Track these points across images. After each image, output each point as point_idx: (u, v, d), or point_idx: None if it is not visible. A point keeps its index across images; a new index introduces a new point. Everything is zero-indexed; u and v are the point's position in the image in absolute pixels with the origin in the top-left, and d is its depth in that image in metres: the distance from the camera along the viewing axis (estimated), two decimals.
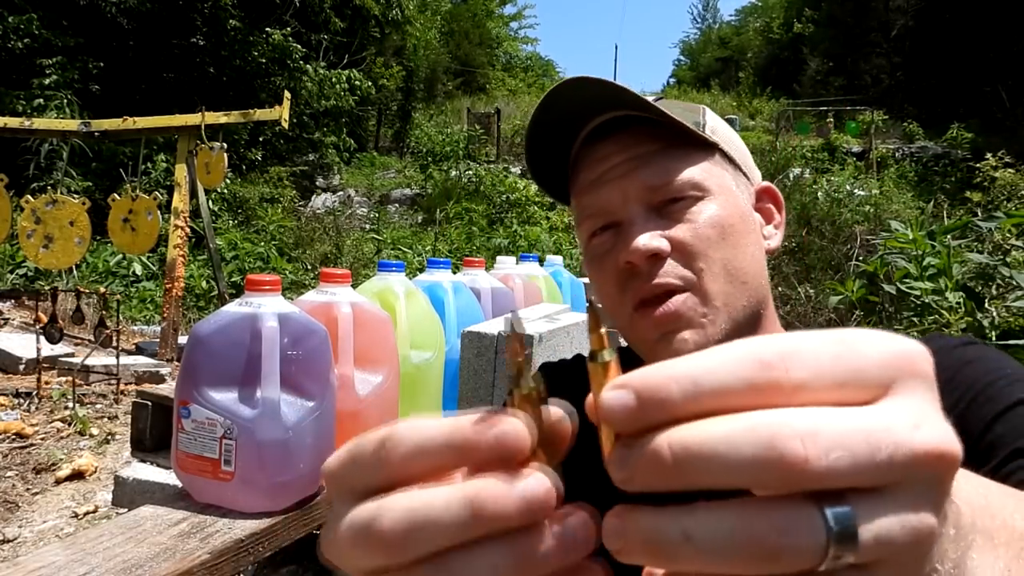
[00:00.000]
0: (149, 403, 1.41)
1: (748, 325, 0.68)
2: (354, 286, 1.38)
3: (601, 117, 0.69)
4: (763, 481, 0.23)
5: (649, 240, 0.64)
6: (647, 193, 0.67)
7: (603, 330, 0.27)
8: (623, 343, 0.78)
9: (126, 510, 1.18)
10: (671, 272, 0.65)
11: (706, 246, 0.65)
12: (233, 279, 8.03)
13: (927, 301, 2.67)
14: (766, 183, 0.76)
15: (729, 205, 0.68)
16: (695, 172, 0.67)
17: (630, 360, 0.73)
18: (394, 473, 0.27)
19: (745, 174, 0.73)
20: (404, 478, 0.27)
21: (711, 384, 0.24)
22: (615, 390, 0.25)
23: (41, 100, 9.98)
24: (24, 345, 4.72)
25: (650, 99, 0.70)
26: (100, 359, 4.56)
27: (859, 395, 0.24)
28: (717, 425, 0.23)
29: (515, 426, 0.26)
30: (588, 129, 0.70)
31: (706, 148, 0.69)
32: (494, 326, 1.51)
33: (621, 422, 0.25)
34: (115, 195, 5.10)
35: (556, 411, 0.28)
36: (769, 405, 0.24)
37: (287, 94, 5.87)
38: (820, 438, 0.23)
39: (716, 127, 0.72)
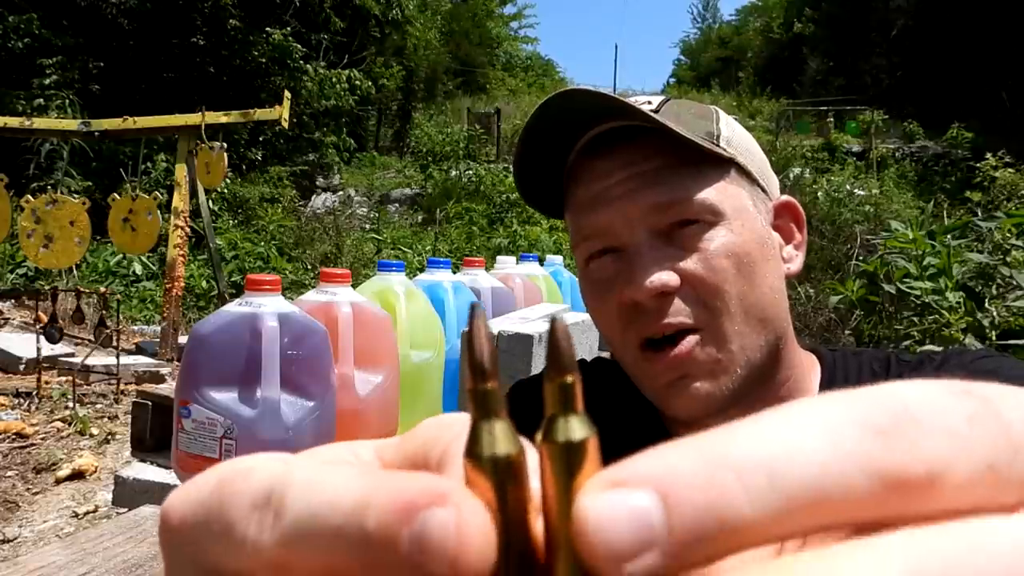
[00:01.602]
0: (149, 403, 1.41)
1: (767, 364, 0.62)
2: (354, 286, 1.38)
3: (602, 126, 0.62)
4: None
5: (657, 277, 0.58)
6: (653, 214, 0.60)
7: (569, 379, 0.15)
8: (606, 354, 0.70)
9: (126, 510, 1.18)
10: (681, 311, 0.59)
11: (721, 280, 0.59)
12: (233, 279, 8.02)
13: (927, 301, 2.67)
14: (785, 197, 0.68)
15: (746, 230, 0.61)
16: (709, 193, 0.60)
17: (619, 378, 0.67)
18: (271, 565, 0.15)
19: (763, 188, 0.65)
20: (282, 571, 0.15)
21: (807, 481, 0.13)
22: (613, 492, 0.13)
23: (41, 100, 9.99)
24: (24, 345, 4.72)
25: (659, 99, 0.65)
26: (100, 359, 4.56)
27: (1009, 492, 0.13)
28: (851, 569, 0.12)
29: (452, 531, 0.13)
30: (587, 139, 0.63)
31: (720, 163, 0.62)
32: (494, 326, 1.51)
33: (629, 566, 0.12)
34: (115, 195, 5.11)
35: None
36: (897, 517, 0.13)
37: (287, 94, 5.87)
38: None
39: (732, 136, 0.64)
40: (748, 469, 0.13)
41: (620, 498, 0.13)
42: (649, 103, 0.64)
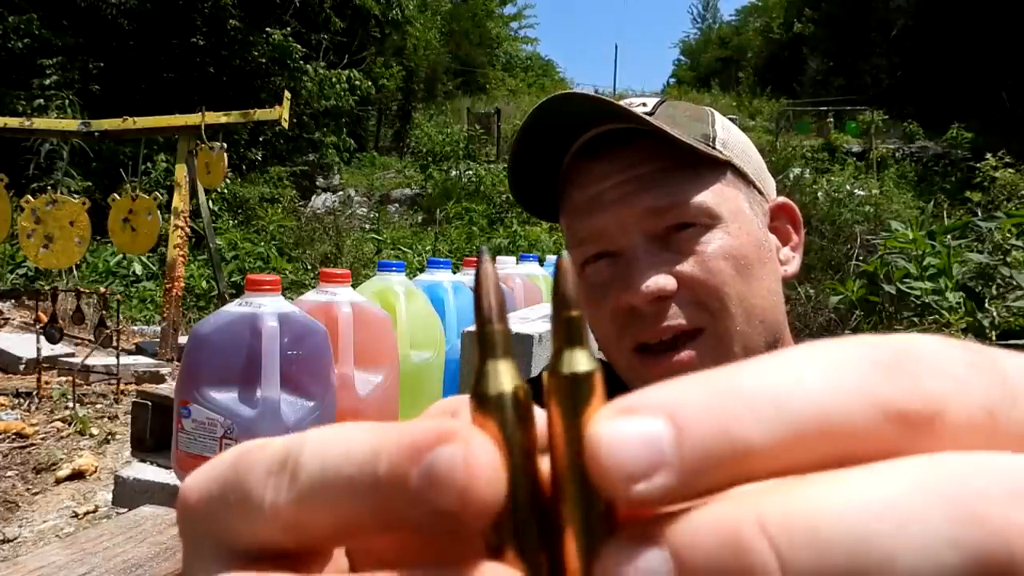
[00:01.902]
0: (149, 403, 1.41)
1: None
2: (354, 286, 1.38)
3: (597, 129, 0.62)
4: None
5: (654, 281, 0.57)
6: (649, 219, 0.59)
7: (574, 313, 0.15)
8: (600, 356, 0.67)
9: (126, 510, 1.18)
10: (678, 314, 0.58)
11: (720, 282, 0.58)
12: (233, 279, 8.02)
13: (927, 301, 2.68)
14: (782, 199, 0.68)
15: (743, 233, 0.60)
16: (706, 197, 0.59)
17: (616, 380, 0.64)
18: (289, 527, 0.15)
19: (759, 189, 0.65)
20: (305, 536, 0.15)
21: (812, 407, 0.13)
22: (624, 417, 0.13)
23: (41, 100, 9.99)
24: (24, 345, 4.72)
25: (654, 101, 0.65)
26: (100, 359, 4.56)
27: (1008, 441, 0.13)
28: (859, 486, 0.12)
29: (460, 465, 0.14)
30: (582, 141, 0.63)
31: (716, 165, 0.61)
32: None
33: (641, 486, 0.13)
34: (115, 195, 5.10)
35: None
36: (898, 449, 0.13)
37: (287, 94, 5.87)
38: None
39: (727, 138, 0.64)
40: (757, 398, 0.13)
41: (631, 422, 0.13)
42: (644, 105, 0.63)
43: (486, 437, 0.14)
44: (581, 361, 0.15)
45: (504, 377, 0.15)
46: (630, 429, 0.13)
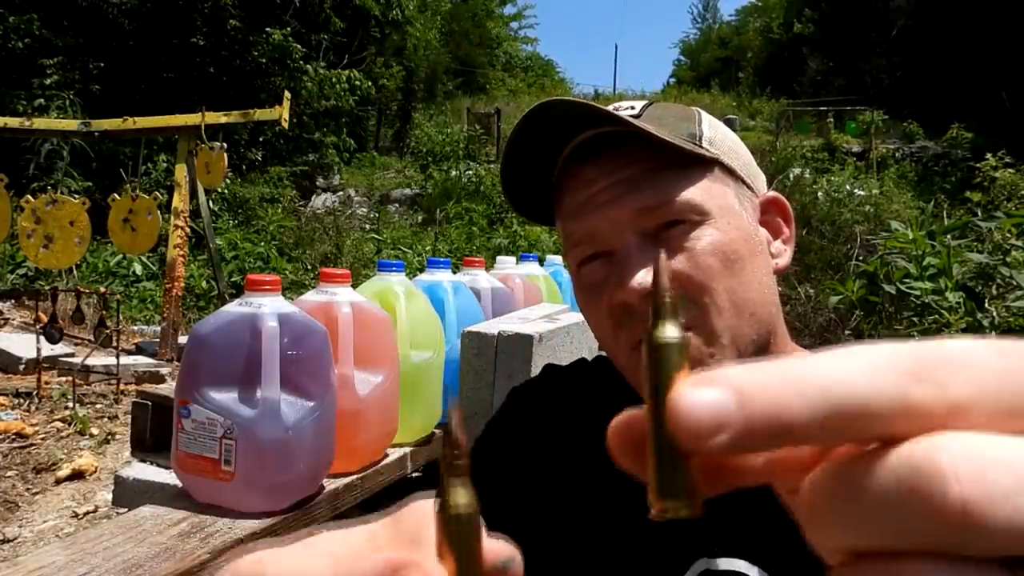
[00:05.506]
0: (149, 403, 1.41)
1: (757, 358, 0.62)
2: (354, 286, 1.38)
3: (586, 133, 0.64)
4: (914, 535, 0.16)
5: (645, 276, 0.59)
6: (640, 218, 0.61)
7: (664, 280, 0.21)
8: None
9: (126, 510, 1.18)
10: None
11: (708, 277, 0.60)
12: (233, 279, 8.02)
13: (927, 301, 2.67)
14: (772, 193, 0.70)
15: (732, 228, 0.62)
16: (694, 193, 0.61)
17: (619, 376, 0.67)
18: None
19: (748, 185, 0.67)
20: None
21: (849, 399, 0.16)
22: (704, 387, 0.18)
23: (42, 100, 9.99)
24: (24, 345, 4.72)
25: (642, 103, 0.66)
26: (100, 359, 4.56)
27: None
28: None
29: None
30: (572, 146, 0.65)
31: (704, 163, 0.63)
32: (494, 326, 1.51)
33: (710, 440, 0.17)
34: (115, 195, 5.10)
35: (499, 550, 0.21)
36: (917, 433, 0.16)
37: (287, 94, 5.87)
38: (988, 474, 0.15)
39: (714, 136, 0.65)
40: (806, 384, 0.17)
41: (706, 391, 0.18)
42: (633, 108, 0.65)
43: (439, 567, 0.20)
44: (669, 330, 0.20)
45: (462, 498, 0.20)
46: (704, 395, 0.18)
